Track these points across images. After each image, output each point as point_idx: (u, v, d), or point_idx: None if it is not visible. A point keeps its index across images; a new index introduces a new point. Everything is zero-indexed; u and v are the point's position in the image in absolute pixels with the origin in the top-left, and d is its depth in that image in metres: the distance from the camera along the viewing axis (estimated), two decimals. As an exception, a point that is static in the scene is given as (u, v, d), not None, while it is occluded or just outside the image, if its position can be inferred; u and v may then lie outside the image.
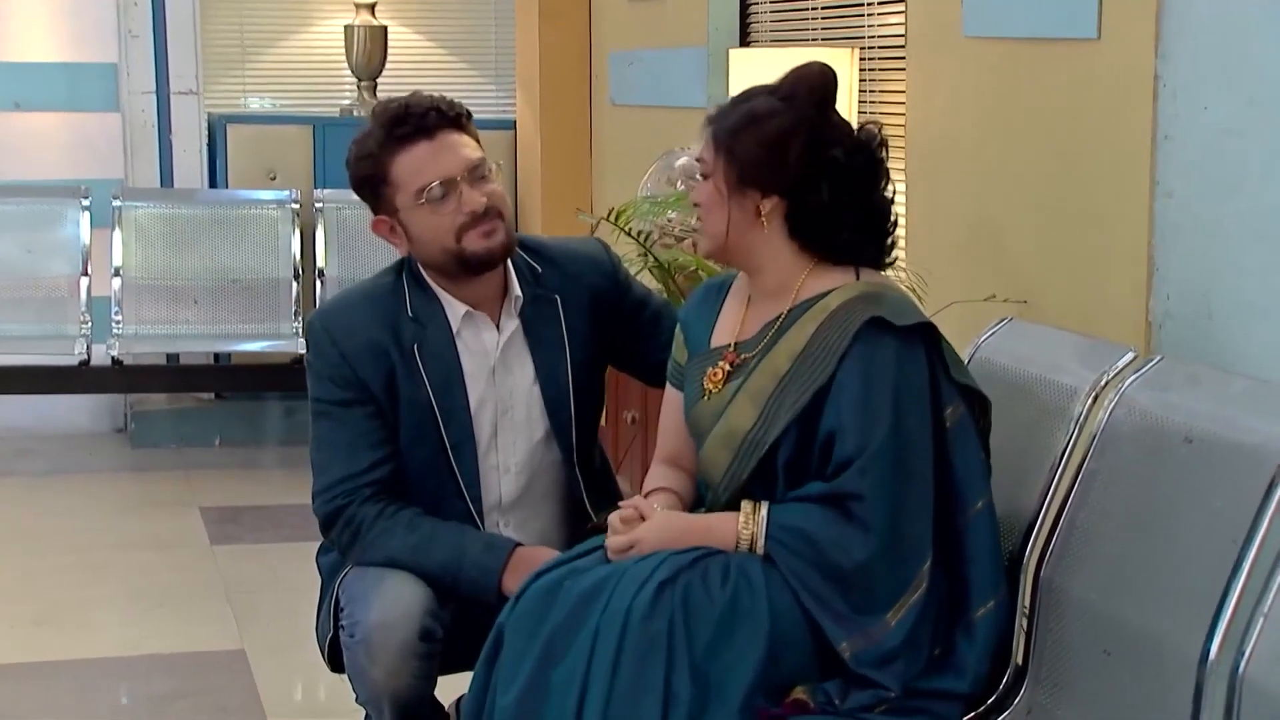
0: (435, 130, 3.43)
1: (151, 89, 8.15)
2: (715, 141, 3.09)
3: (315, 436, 3.57)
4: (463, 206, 3.41)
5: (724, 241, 3.11)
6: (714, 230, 3.11)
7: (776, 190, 3.05)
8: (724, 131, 3.09)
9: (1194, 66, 3.51)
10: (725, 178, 3.07)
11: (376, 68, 8.43)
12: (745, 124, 3.07)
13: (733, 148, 3.06)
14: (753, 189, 3.05)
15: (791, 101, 3.09)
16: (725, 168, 3.07)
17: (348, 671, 3.46)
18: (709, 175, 3.10)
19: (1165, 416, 2.83)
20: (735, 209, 3.07)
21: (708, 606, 2.91)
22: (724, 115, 3.12)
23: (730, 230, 3.09)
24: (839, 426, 2.95)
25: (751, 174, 3.04)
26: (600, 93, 7.65)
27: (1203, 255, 3.49)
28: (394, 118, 3.43)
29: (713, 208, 3.10)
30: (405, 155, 3.44)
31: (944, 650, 2.99)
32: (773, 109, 3.07)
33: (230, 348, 7.84)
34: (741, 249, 3.11)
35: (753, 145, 3.05)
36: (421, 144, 3.43)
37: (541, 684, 2.93)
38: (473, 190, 3.42)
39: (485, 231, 3.43)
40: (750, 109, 3.09)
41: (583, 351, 3.58)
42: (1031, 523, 3.05)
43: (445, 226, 3.42)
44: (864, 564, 2.92)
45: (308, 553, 6.15)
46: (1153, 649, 2.69)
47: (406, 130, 3.43)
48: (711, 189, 3.09)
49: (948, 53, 4.54)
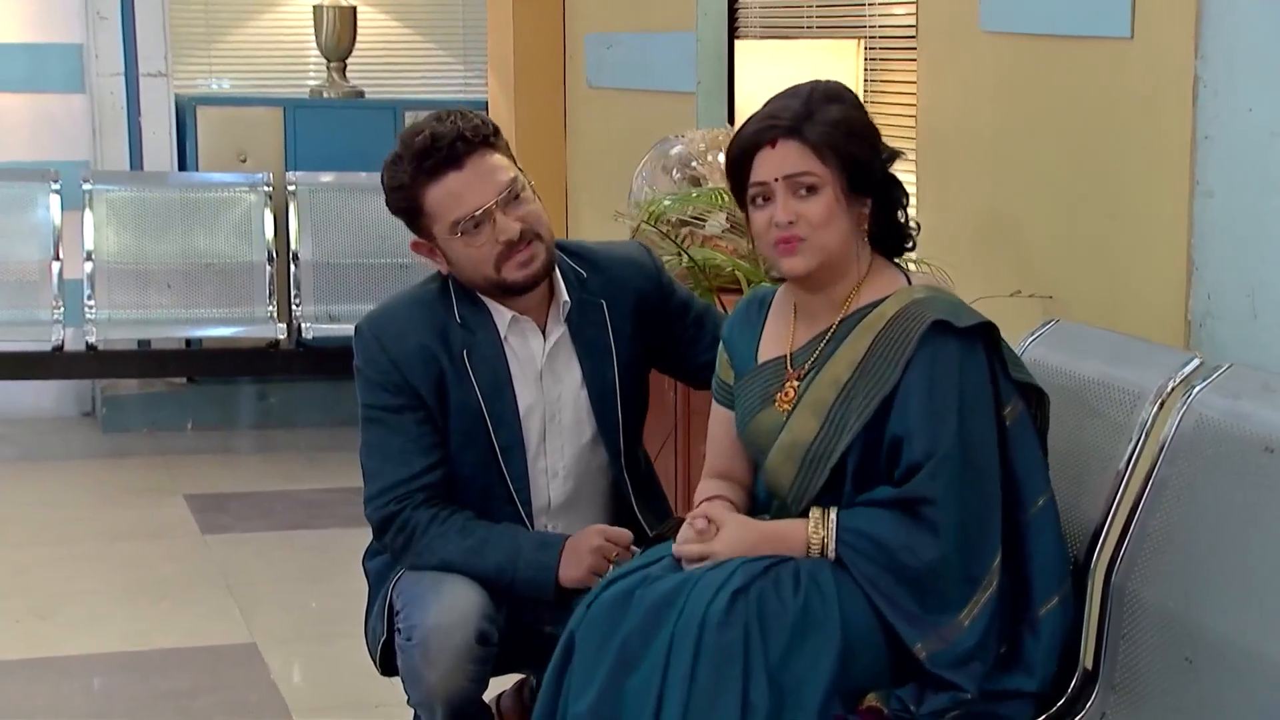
0: (464, 158, 3.42)
1: (120, 71, 8.10)
2: (819, 150, 3.03)
3: (366, 442, 3.56)
4: (498, 235, 3.42)
5: (835, 255, 3.07)
6: (828, 242, 3.05)
7: (872, 193, 3.07)
8: (827, 138, 3.02)
9: (1236, 67, 3.53)
10: (841, 186, 3.04)
11: (346, 48, 8.40)
12: (843, 128, 3.04)
13: (843, 152, 3.03)
14: (861, 194, 3.06)
15: (850, 103, 3.11)
16: (840, 177, 3.03)
17: (402, 674, 3.47)
18: (818, 187, 3.03)
19: (1241, 425, 2.86)
20: (849, 218, 3.06)
21: (781, 614, 2.93)
22: (809, 124, 3.04)
23: (845, 242, 3.07)
24: (906, 431, 2.96)
25: (861, 177, 3.05)
26: (575, 75, 7.63)
27: (1247, 255, 3.51)
28: (421, 150, 3.42)
29: (833, 222, 3.04)
30: (436, 188, 3.44)
31: (1010, 648, 3.01)
32: (849, 112, 3.08)
33: (205, 333, 7.80)
34: (841, 259, 3.08)
35: (858, 148, 3.05)
36: (451, 175, 3.42)
37: (615, 692, 2.94)
38: (506, 217, 3.42)
39: (523, 260, 3.44)
40: (837, 115, 3.05)
41: (629, 355, 3.60)
42: (1098, 528, 3.07)
43: (483, 257, 3.44)
44: (934, 565, 2.94)
45: (301, 542, 6.23)
46: (1241, 658, 2.72)
47: (435, 161, 3.42)
48: (830, 201, 3.03)
49: (962, 47, 4.56)
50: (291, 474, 7.24)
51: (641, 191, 5.51)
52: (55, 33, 8.08)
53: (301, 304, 7.76)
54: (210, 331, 7.78)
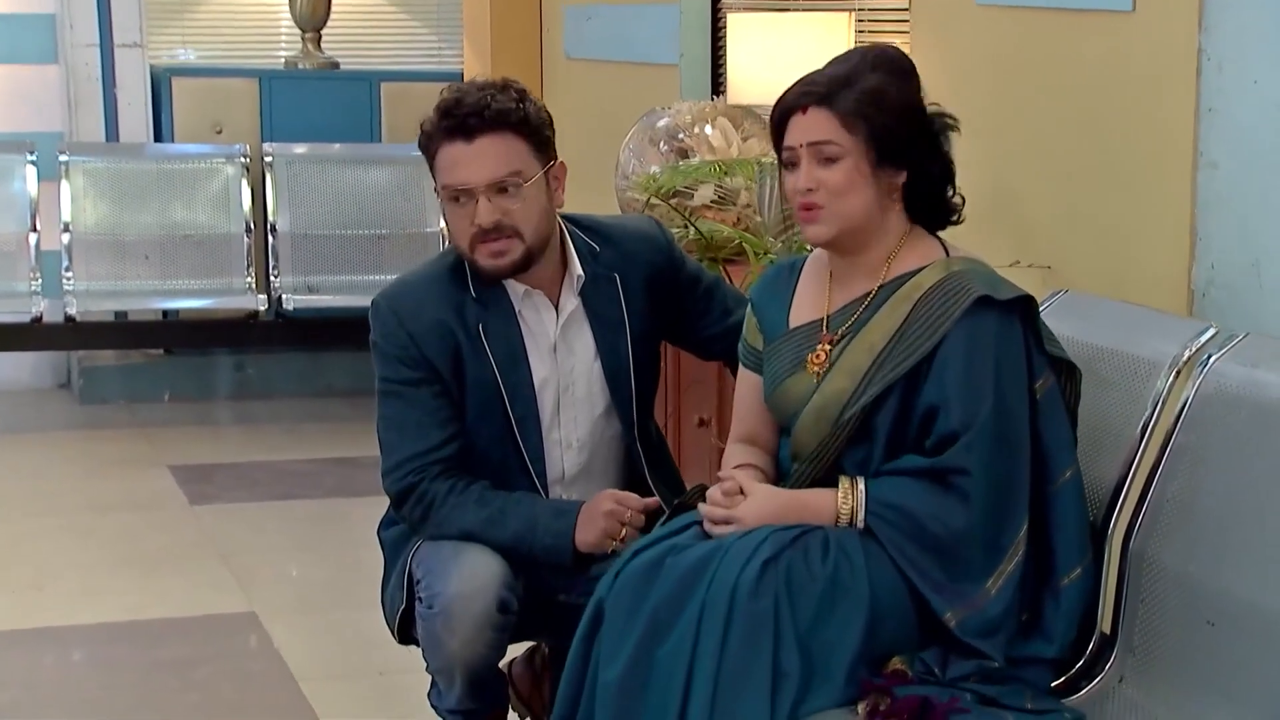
0: (475, 133, 3.44)
1: (95, 41, 8.08)
2: (847, 120, 3.07)
3: (383, 415, 3.60)
4: (474, 218, 3.45)
5: (857, 224, 3.12)
6: (850, 211, 3.10)
7: (907, 163, 3.10)
8: (857, 110, 3.07)
9: (1240, 40, 3.59)
10: (867, 157, 3.07)
11: (321, 19, 8.39)
12: (875, 99, 3.08)
13: (874, 123, 3.06)
14: (890, 165, 3.09)
15: (893, 72, 3.13)
16: (866, 147, 3.07)
17: (422, 641, 3.52)
18: (840, 157, 3.07)
19: (1261, 393, 2.91)
20: (873, 188, 3.10)
21: (810, 583, 2.96)
22: (838, 93, 3.08)
23: (872, 211, 3.11)
24: (943, 400, 3.01)
25: (891, 149, 3.08)
26: (552, 46, 7.65)
27: (1252, 226, 3.57)
28: (445, 108, 3.47)
29: (853, 191, 3.08)
30: (444, 150, 3.48)
31: (1031, 616, 3.07)
32: (890, 83, 3.10)
33: (183, 304, 7.80)
34: (867, 228, 3.12)
35: (892, 119, 3.08)
36: (458, 144, 3.45)
37: (645, 660, 2.98)
38: (489, 205, 3.44)
39: (495, 251, 3.47)
40: (874, 85, 3.09)
41: (641, 328, 3.64)
42: (1115, 494, 3.12)
43: (460, 230, 3.49)
44: (962, 534, 2.99)
45: (291, 513, 6.26)
46: (1265, 621, 2.78)
47: (450, 125, 3.46)
48: (851, 171, 3.08)
49: (958, 20, 4.60)
50: (273, 445, 7.25)
51: (630, 164, 5.54)
52: (29, 3, 8.06)
53: (280, 275, 7.77)
54: (188, 303, 7.79)
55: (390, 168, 8.03)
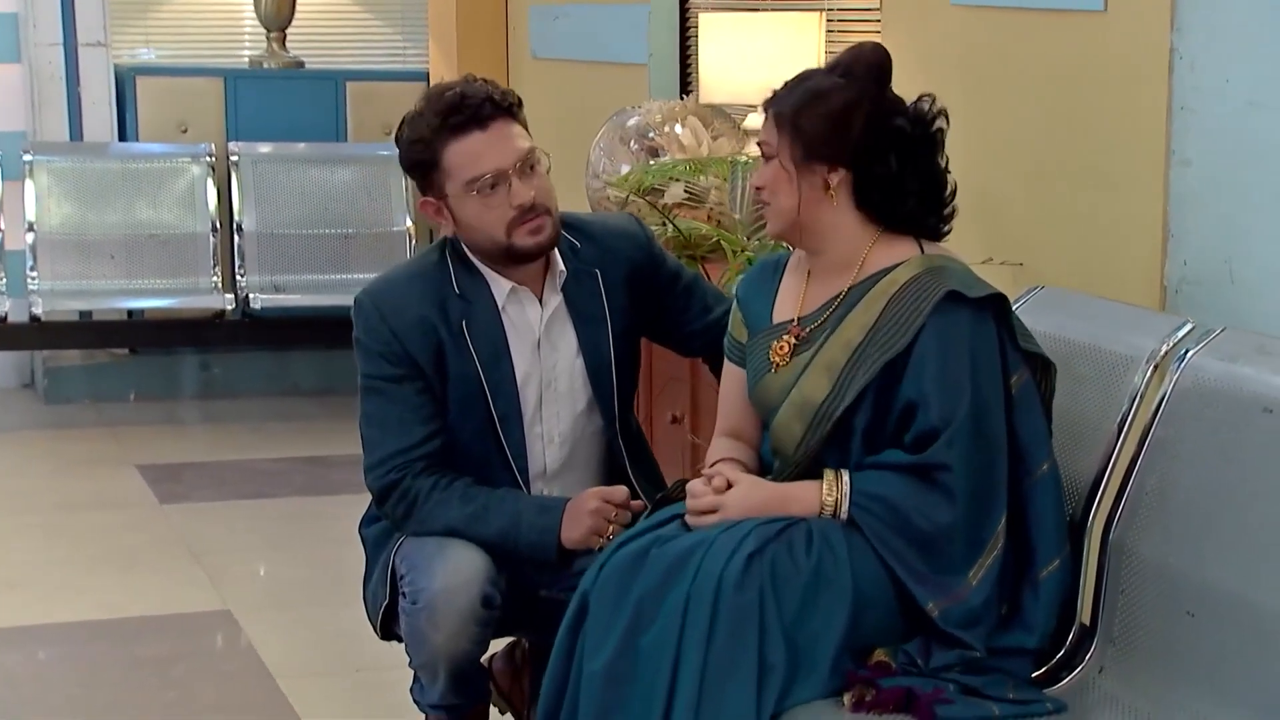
0: (489, 120, 3.49)
1: (58, 40, 8.04)
2: (778, 121, 3.18)
3: (366, 412, 3.61)
4: (511, 199, 3.48)
5: (794, 218, 3.19)
6: (784, 208, 3.19)
7: (843, 162, 3.15)
8: (787, 110, 3.17)
9: (1213, 39, 3.64)
10: (791, 155, 3.16)
11: (286, 18, 8.39)
12: (808, 100, 3.16)
13: (798, 124, 3.15)
14: (819, 163, 3.15)
15: (851, 77, 3.19)
16: (790, 145, 3.16)
17: (405, 636, 3.54)
18: (772, 156, 3.19)
19: (1240, 387, 2.96)
20: (804, 185, 3.16)
21: (794, 575, 3.00)
22: (783, 96, 3.21)
23: (801, 207, 3.17)
24: (921, 396, 3.06)
25: (817, 148, 3.14)
26: (518, 45, 7.67)
27: (1225, 222, 3.62)
28: (450, 106, 3.49)
29: (780, 186, 3.19)
30: (458, 144, 3.49)
31: (1011, 608, 3.12)
32: (834, 84, 3.18)
33: (150, 303, 7.77)
34: (811, 225, 3.20)
35: (817, 120, 3.15)
36: (475, 134, 3.49)
37: (630, 651, 3.01)
38: (522, 183, 3.49)
39: (533, 228, 3.51)
40: (812, 86, 3.19)
41: (622, 323, 3.67)
42: (1094, 487, 3.17)
43: (494, 220, 3.50)
44: (946, 528, 3.04)
45: (261, 511, 6.28)
46: (1246, 612, 2.83)
47: (461, 119, 3.48)
48: (777, 168, 3.18)
49: (931, 20, 4.65)
50: (241, 444, 7.25)
51: (600, 163, 5.58)
52: (-11, 2, 8.04)
53: (246, 275, 7.77)
54: (154, 303, 7.77)
55: (356, 167, 8.04)
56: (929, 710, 2.92)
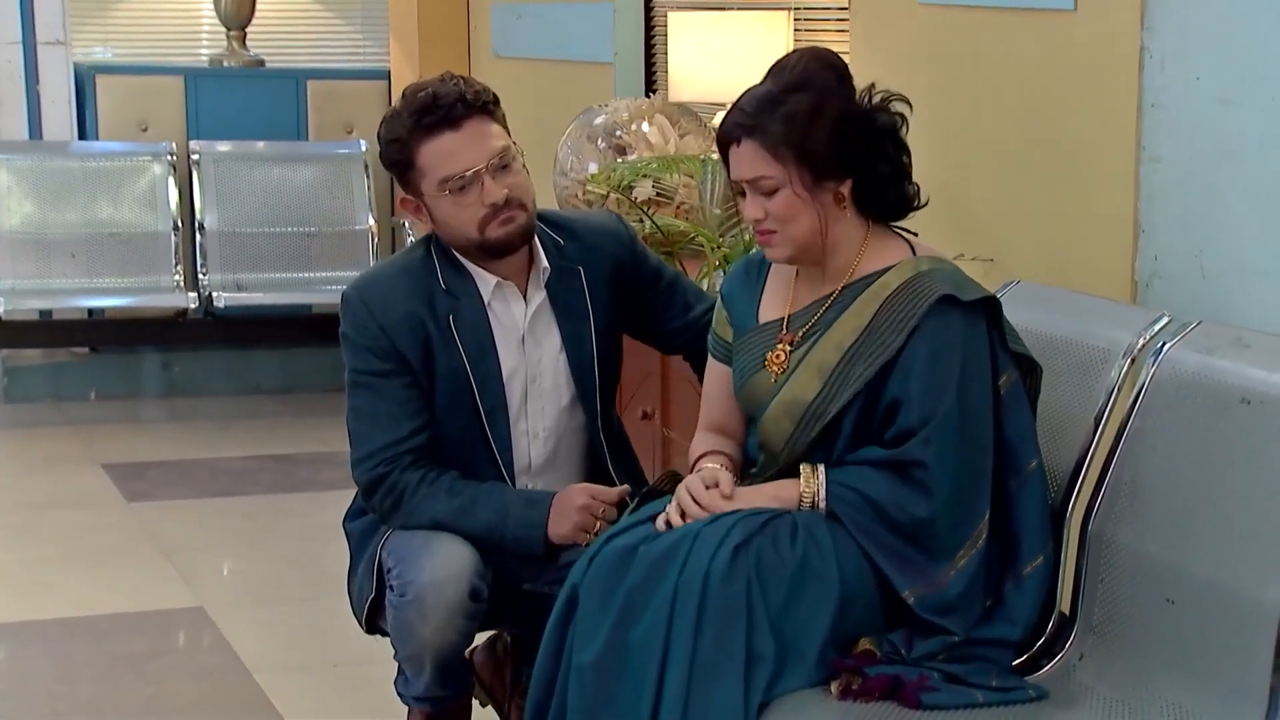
0: (462, 120, 3.53)
1: (17, 39, 8.04)
2: (776, 152, 3.12)
3: (353, 407, 3.65)
4: (484, 198, 3.52)
5: (815, 240, 3.18)
6: (801, 232, 3.17)
7: (849, 172, 3.17)
8: (783, 138, 3.12)
9: (1183, 38, 3.70)
10: (801, 181, 3.13)
11: (246, 17, 8.41)
12: (804, 123, 3.12)
13: (804, 148, 3.12)
14: (830, 180, 3.16)
15: (819, 87, 3.17)
16: (799, 171, 3.12)
17: (392, 629, 3.57)
18: (777, 189, 3.14)
19: (1217, 379, 3.02)
20: (820, 206, 3.16)
21: (780, 567, 3.05)
22: (763, 124, 3.13)
23: (821, 228, 3.18)
24: (904, 396, 3.10)
25: (828, 166, 3.14)
26: (480, 44, 7.71)
27: (1195, 218, 3.69)
28: (422, 106, 3.53)
29: (798, 215, 3.15)
30: (431, 144, 3.54)
31: (995, 602, 3.17)
32: (814, 101, 3.14)
33: (111, 302, 7.77)
34: (819, 241, 3.19)
35: (821, 139, 3.13)
36: (447, 134, 3.53)
37: (619, 643, 3.05)
38: (494, 182, 3.53)
39: (505, 220, 3.55)
40: (797, 107, 3.13)
41: (605, 320, 3.71)
42: (1073, 478, 3.23)
43: (468, 218, 3.54)
44: (923, 522, 3.09)
45: (229, 509, 6.29)
46: (1225, 598, 2.89)
47: (433, 120, 3.53)
48: (790, 198, 3.14)
49: (898, 19, 4.70)
50: (206, 442, 7.26)
51: (568, 161, 5.63)
52: (-50, 2, 8.03)
53: (208, 273, 7.79)
54: (116, 301, 7.77)
55: (318, 165, 8.07)
56: (915, 697, 2.97)
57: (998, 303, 3.18)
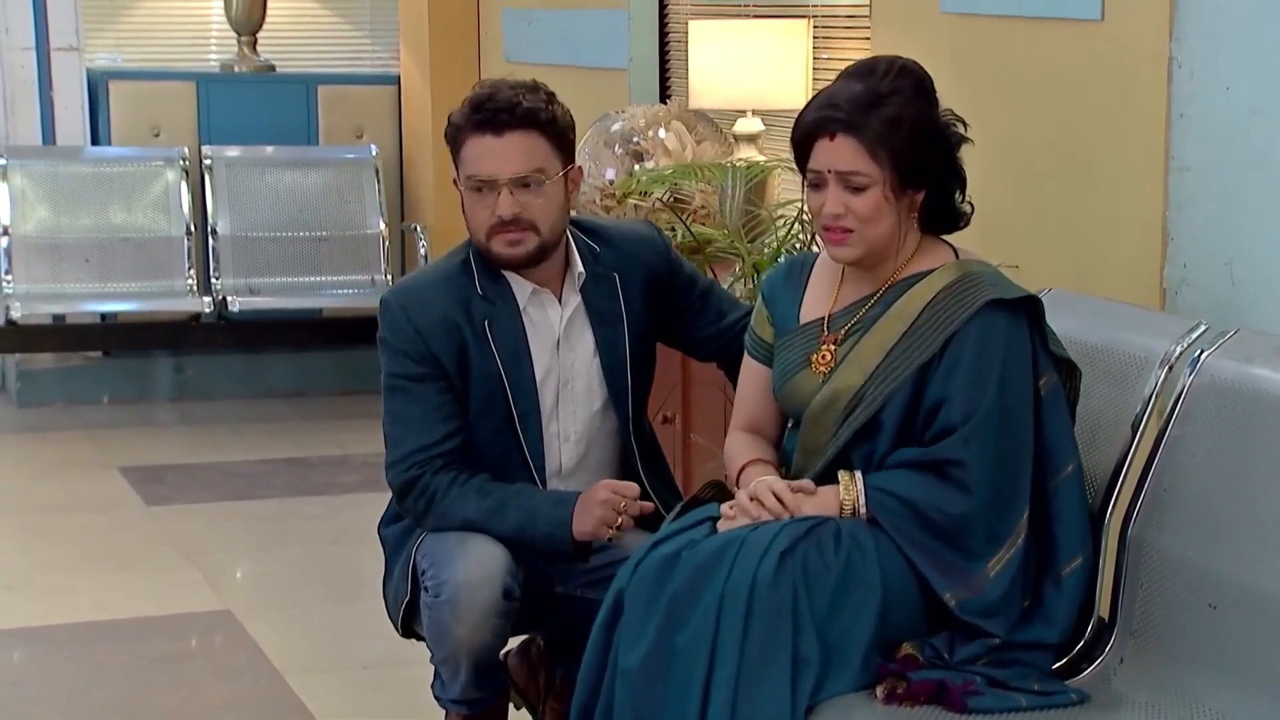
0: (504, 129, 3.59)
1: (31, 45, 8.06)
2: (874, 151, 3.17)
3: (389, 410, 3.69)
4: (496, 208, 3.58)
5: (888, 244, 3.24)
6: (878, 234, 3.22)
7: (926, 183, 3.23)
8: (882, 139, 3.16)
9: (1212, 48, 3.74)
10: (890, 184, 3.18)
11: (256, 22, 8.44)
12: (903, 128, 3.17)
13: (896, 152, 3.16)
14: (912, 188, 3.22)
15: (914, 95, 3.22)
16: (890, 174, 3.17)
17: (427, 631, 3.62)
18: (867, 187, 3.18)
19: (1257, 386, 3.07)
20: (897, 211, 3.22)
21: (825, 573, 3.09)
22: (863, 123, 3.16)
23: (899, 233, 3.24)
24: (946, 396, 3.15)
25: (914, 174, 3.20)
26: (491, 49, 7.75)
27: (1225, 226, 3.73)
28: (476, 102, 3.60)
29: (881, 217, 3.20)
30: (473, 140, 3.61)
31: (1034, 603, 3.21)
32: (913, 109, 3.20)
33: (125, 307, 7.80)
34: (887, 246, 3.25)
35: (912, 147, 3.18)
36: (486, 137, 3.59)
37: (665, 648, 3.09)
38: (510, 197, 3.59)
39: (511, 240, 3.61)
40: (896, 113, 3.18)
41: (639, 326, 3.76)
42: (1111, 483, 3.27)
43: (480, 220, 3.62)
44: (961, 520, 3.13)
45: (248, 512, 6.33)
46: (1266, 604, 2.93)
47: (481, 119, 3.59)
48: (878, 198, 3.18)
49: (920, 28, 4.74)
50: (221, 446, 7.29)
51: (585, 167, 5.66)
52: (-40, 8, 8.04)
53: (221, 277, 7.82)
54: (129, 305, 7.80)
55: (329, 170, 8.10)
56: (960, 701, 3.02)
57: (1040, 303, 3.22)
